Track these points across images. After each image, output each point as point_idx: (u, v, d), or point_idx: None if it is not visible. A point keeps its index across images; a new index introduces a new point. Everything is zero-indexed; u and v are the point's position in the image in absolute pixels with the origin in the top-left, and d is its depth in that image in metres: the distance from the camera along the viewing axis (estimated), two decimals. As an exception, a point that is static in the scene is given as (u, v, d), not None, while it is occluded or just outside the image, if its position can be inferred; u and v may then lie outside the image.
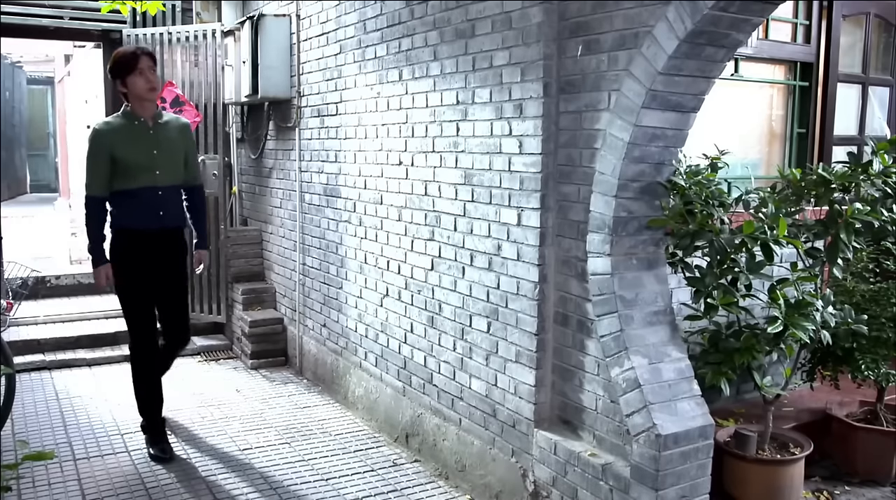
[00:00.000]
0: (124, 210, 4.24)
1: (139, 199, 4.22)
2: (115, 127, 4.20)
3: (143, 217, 4.25)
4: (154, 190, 4.24)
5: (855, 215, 3.36)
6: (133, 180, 4.19)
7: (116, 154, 4.13)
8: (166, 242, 4.38)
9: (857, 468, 4.08)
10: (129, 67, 4.12)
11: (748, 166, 4.57)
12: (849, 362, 3.86)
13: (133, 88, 4.15)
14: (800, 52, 4.80)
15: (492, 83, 3.65)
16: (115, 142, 4.14)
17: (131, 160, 4.15)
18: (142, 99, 4.19)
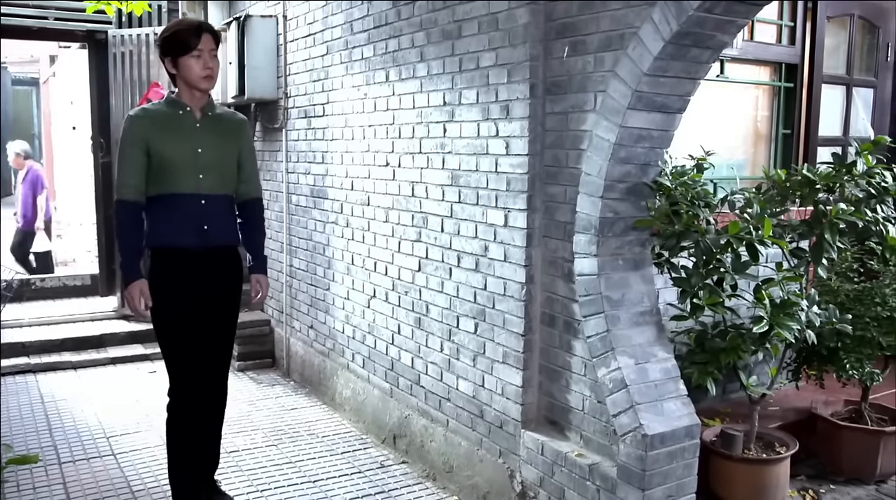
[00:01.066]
0: (159, 222, 3.38)
1: (177, 208, 3.36)
2: (154, 115, 3.38)
3: (183, 232, 3.37)
4: (196, 198, 3.37)
5: (839, 216, 3.38)
6: (171, 184, 3.35)
7: (153, 148, 3.31)
8: (213, 265, 3.47)
9: (842, 466, 4.11)
10: (185, 46, 3.29)
11: (733, 167, 4.59)
12: (833, 362, 3.89)
13: (185, 72, 3.32)
14: (785, 53, 4.82)
15: (478, 84, 3.65)
16: (152, 132, 3.31)
17: (169, 157, 3.32)
18: (193, 87, 3.36)
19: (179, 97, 3.41)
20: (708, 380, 3.40)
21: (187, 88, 3.38)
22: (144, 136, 3.31)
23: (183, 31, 3.32)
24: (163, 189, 3.35)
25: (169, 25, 3.44)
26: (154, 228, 3.39)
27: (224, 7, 6.77)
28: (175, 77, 3.38)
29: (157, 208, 3.38)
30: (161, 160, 3.32)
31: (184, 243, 3.38)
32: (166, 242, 3.38)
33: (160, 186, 3.35)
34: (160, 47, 3.36)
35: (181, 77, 3.35)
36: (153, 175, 3.35)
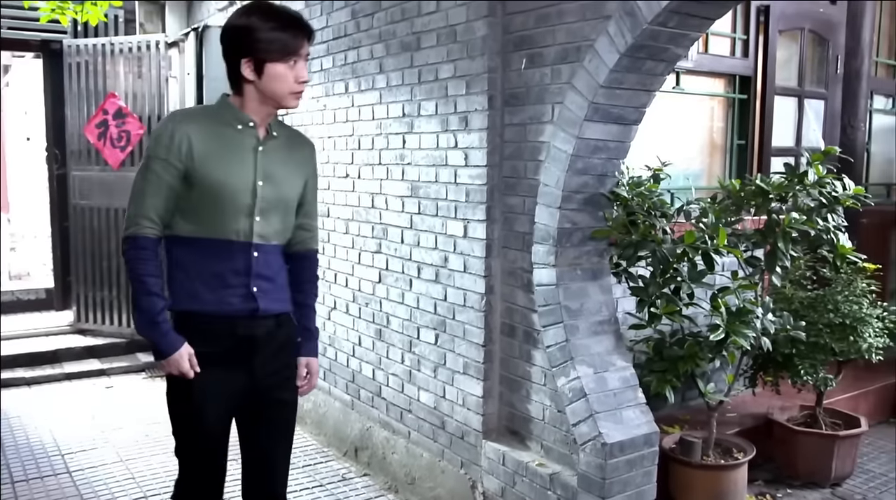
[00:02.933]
0: (191, 276, 2.37)
1: (219, 259, 2.37)
2: (205, 123, 2.35)
3: (224, 292, 2.37)
4: (246, 248, 2.38)
5: (792, 225, 3.45)
6: (214, 224, 2.34)
7: (198, 169, 2.30)
8: (261, 341, 2.45)
9: (798, 470, 4.18)
10: (283, 48, 2.29)
11: (687, 177, 4.66)
12: (788, 368, 3.95)
13: (272, 83, 2.31)
14: (738, 65, 4.92)
15: (437, 96, 3.66)
16: (200, 147, 2.31)
17: (219, 187, 2.32)
18: (276, 103, 2.38)
19: (242, 106, 2.37)
20: (667, 388, 3.44)
21: (262, 102, 2.35)
22: (188, 150, 2.29)
23: (283, 28, 2.29)
24: (201, 230, 2.35)
25: (250, 8, 2.33)
26: (181, 283, 2.36)
27: (182, 17, 6.71)
28: (243, 83, 2.34)
29: (187, 255, 2.36)
30: (207, 189, 2.31)
31: (225, 309, 2.37)
32: (199, 306, 2.36)
33: (198, 224, 2.35)
34: (238, 42, 2.31)
35: (260, 87, 2.32)
36: (189, 208, 2.34)
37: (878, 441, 4.77)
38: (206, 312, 2.37)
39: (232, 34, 2.33)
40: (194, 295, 2.36)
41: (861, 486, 4.19)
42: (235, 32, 2.32)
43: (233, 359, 2.41)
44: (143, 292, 2.29)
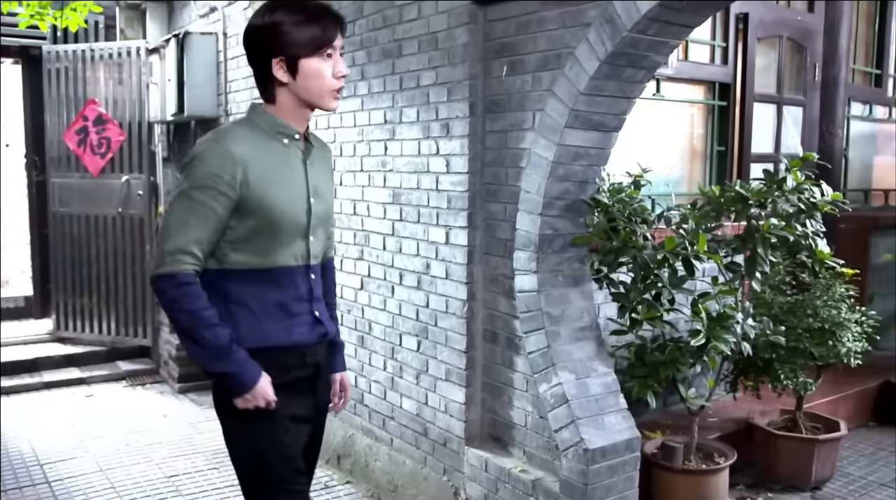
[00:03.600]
0: (256, 313, 2.14)
1: (282, 288, 2.18)
2: (252, 143, 2.10)
3: (293, 323, 2.20)
4: (305, 272, 2.22)
5: (771, 230, 3.47)
6: (274, 252, 2.14)
7: (255, 198, 2.06)
8: (323, 364, 2.33)
9: (778, 474, 4.20)
10: (317, 40, 2.07)
11: (668, 184, 4.68)
12: (769, 372, 3.98)
13: (310, 81, 2.09)
14: (718, 72, 4.96)
15: (419, 103, 3.67)
16: (252, 172, 2.06)
17: (279, 213, 2.11)
18: (316, 104, 2.15)
19: (278, 115, 2.15)
20: (648, 393, 3.45)
21: (299, 106, 2.14)
22: (243, 177, 2.03)
23: (313, 19, 2.07)
24: (258, 260, 2.12)
25: (272, 4, 2.09)
26: (243, 321, 2.12)
27: (163, 24, 6.69)
28: (276, 88, 2.11)
29: (244, 290, 2.13)
30: (265, 217, 2.08)
31: (295, 340, 2.20)
32: (267, 342, 2.14)
33: (254, 255, 2.12)
34: (266, 42, 2.07)
35: (296, 89, 2.10)
36: (241, 238, 2.10)
37: (858, 445, 4.81)
38: (275, 346, 2.15)
39: (258, 34, 2.09)
40: (260, 331, 2.13)
41: (841, 489, 4.22)
42: (262, 32, 2.08)
43: (302, 387, 2.24)
44: (204, 326, 2.01)
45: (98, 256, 6.64)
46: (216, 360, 2.04)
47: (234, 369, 2.05)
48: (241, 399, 2.07)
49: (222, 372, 2.05)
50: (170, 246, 2.02)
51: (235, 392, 2.07)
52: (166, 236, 2.04)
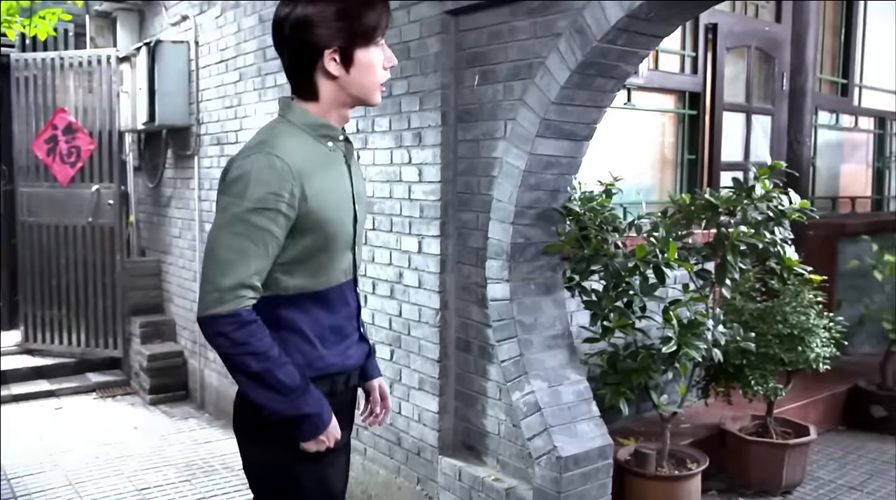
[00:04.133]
0: (309, 338, 1.90)
1: (334, 308, 1.95)
2: (302, 152, 1.82)
3: (346, 345, 1.99)
4: (352, 286, 2.02)
5: (740, 238, 3.52)
6: (328, 272, 1.91)
7: (313, 217, 1.81)
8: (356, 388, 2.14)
9: (750, 479, 4.24)
10: (375, 29, 1.84)
11: (639, 192, 4.72)
12: (739, 378, 4.01)
13: (362, 74, 1.85)
14: (688, 82, 5.02)
15: (391, 112, 3.67)
16: (309, 186, 1.80)
17: (334, 230, 1.87)
18: (361, 100, 1.90)
19: (321, 114, 1.88)
20: (621, 400, 3.47)
21: (343, 103, 1.89)
22: (301, 193, 1.78)
23: (371, 2, 1.84)
24: (312, 282, 1.88)
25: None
26: (298, 350, 1.87)
27: (134, 32, 6.64)
28: (320, 84, 1.84)
29: (298, 315, 1.89)
30: (322, 233, 1.84)
31: (348, 364, 1.99)
32: (323, 371, 1.92)
33: (308, 277, 1.88)
34: (316, 31, 1.78)
35: (348, 83, 1.84)
36: (293, 260, 1.84)
37: (827, 449, 4.86)
38: (336, 370, 1.94)
39: (307, 23, 1.78)
40: (319, 359, 1.90)
41: (811, 493, 4.27)
42: (313, 20, 1.78)
43: (344, 411, 2.02)
44: (276, 366, 1.76)
45: (68, 266, 6.55)
46: (293, 402, 1.79)
47: (314, 409, 1.82)
48: (313, 442, 1.84)
49: (299, 414, 1.80)
50: (229, 281, 1.73)
51: (310, 434, 1.83)
52: (223, 269, 1.73)
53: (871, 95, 6.60)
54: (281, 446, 1.86)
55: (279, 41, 1.84)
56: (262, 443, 1.91)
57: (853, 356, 5.70)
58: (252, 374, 1.76)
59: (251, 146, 1.80)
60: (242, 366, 1.76)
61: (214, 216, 1.78)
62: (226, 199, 1.75)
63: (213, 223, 1.77)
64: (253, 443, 1.94)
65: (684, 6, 2.82)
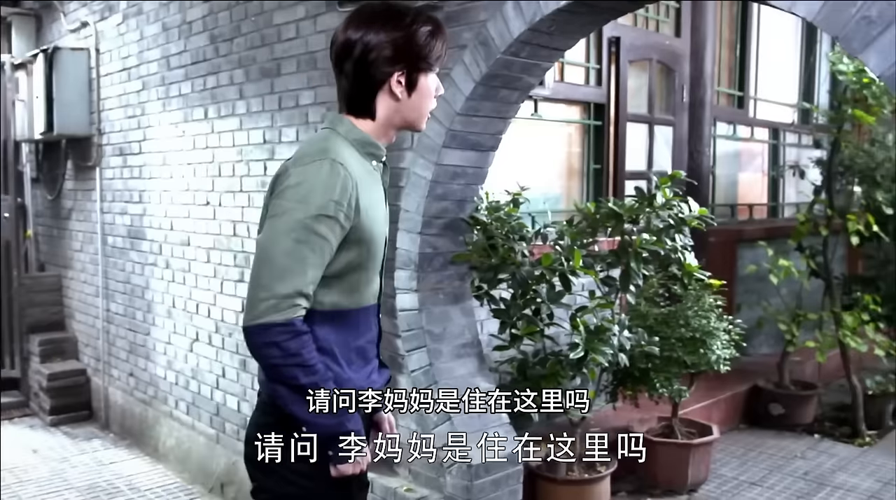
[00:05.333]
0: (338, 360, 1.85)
1: (360, 330, 1.92)
2: (355, 163, 1.82)
3: (368, 369, 1.96)
4: (377, 310, 1.99)
5: (643, 245, 3.62)
6: (361, 289, 1.89)
7: (362, 224, 1.80)
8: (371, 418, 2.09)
9: (657, 479, 4.35)
10: (440, 55, 1.90)
11: (545, 201, 4.78)
12: (645, 382, 4.12)
13: (420, 100, 1.88)
14: (592, 93, 5.14)
15: (298, 122, 3.64)
16: (361, 196, 1.79)
17: (377, 241, 1.88)
18: (410, 126, 1.94)
19: (373, 133, 1.88)
20: (532, 407, 3.52)
21: (394, 126, 1.90)
22: (356, 203, 1.77)
23: (440, 30, 1.89)
24: (346, 299, 1.86)
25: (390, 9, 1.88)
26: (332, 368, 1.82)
27: (30, 38, 6.38)
28: (379, 104, 1.85)
29: (329, 334, 1.83)
30: (368, 249, 1.84)
31: (373, 388, 1.93)
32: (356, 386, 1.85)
33: (343, 294, 1.85)
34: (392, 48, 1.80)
35: (406, 107, 1.87)
36: (333, 275, 1.80)
37: (730, 447, 5.05)
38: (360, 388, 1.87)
39: (381, 46, 1.80)
40: (345, 381, 1.82)
41: (715, 490, 4.42)
42: (385, 43, 1.80)
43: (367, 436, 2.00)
44: (322, 380, 1.73)
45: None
46: (337, 417, 1.74)
47: (355, 426, 1.78)
48: (350, 464, 1.79)
49: (344, 431, 1.76)
50: (287, 288, 1.68)
51: (346, 456, 1.78)
52: (280, 275, 1.69)
53: (765, 107, 6.91)
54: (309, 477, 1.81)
55: (344, 59, 1.83)
56: (287, 474, 1.82)
57: (753, 357, 5.94)
58: (299, 387, 1.71)
59: (311, 152, 1.78)
60: (290, 378, 1.71)
61: (269, 220, 1.73)
62: (285, 204, 1.72)
63: (270, 228, 1.72)
64: (275, 474, 1.84)
65: (584, 20, 2.89)
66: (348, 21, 1.85)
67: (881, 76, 1.98)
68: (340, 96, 1.88)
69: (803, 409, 5.45)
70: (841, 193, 5.39)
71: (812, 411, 5.50)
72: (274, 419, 1.81)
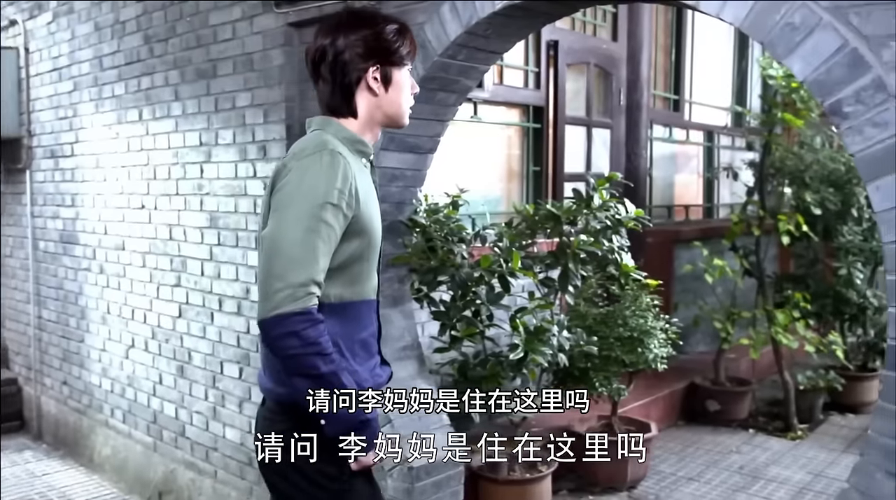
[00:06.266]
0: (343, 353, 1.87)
1: (364, 324, 1.96)
2: (355, 166, 1.88)
3: (373, 362, 2.01)
4: (375, 307, 2.03)
5: (580, 246, 3.66)
6: (363, 282, 1.94)
7: (362, 215, 1.85)
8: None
9: (598, 477, 4.41)
10: (409, 52, 2.00)
11: (484, 204, 4.81)
12: (585, 381, 4.16)
13: (397, 96, 1.97)
14: (531, 96, 5.19)
15: (235, 125, 3.59)
16: (360, 188, 1.84)
17: (376, 233, 1.93)
18: (393, 122, 2.01)
19: (361, 134, 1.96)
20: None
21: (376, 123, 1.97)
22: (356, 192, 1.82)
23: (406, 29, 2.00)
24: (349, 292, 1.89)
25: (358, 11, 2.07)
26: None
27: (-44, 37, 6.18)
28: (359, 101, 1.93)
29: (335, 327, 1.83)
30: (369, 240, 1.90)
31: (378, 382, 2.00)
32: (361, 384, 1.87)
33: (346, 286, 1.88)
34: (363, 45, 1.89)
35: (385, 102, 1.94)
36: (337, 267, 1.82)
37: (668, 444, 5.14)
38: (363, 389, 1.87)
39: (353, 45, 1.89)
40: (353, 373, 1.84)
41: (654, 486, 4.49)
42: (357, 41, 1.89)
43: None
44: (340, 369, 1.76)
45: None
46: (356, 412, 1.76)
47: (373, 413, 1.82)
48: (371, 454, 1.84)
49: (365, 419, 1.79)
50: (302, 277, 1.70)
51: (370, 441, 1.83)
52: (293, 265, 1.70)
53: (700, 110, 7.07)
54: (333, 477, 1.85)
55: (320, 64, 1.92)
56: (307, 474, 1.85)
57: (690, 355, 6.06)
58: (319, 376, 1.72)
59: (309, 146, 1.82)
60: (311, 368, 1.72)
61: (276, 213, 1.76)
62: (290, 195, 1.76)
63: (277, 220, 1.75)
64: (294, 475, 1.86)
65: (520, 24, 2.92)
66: (318, 31, 1.94)
67: (805, 81, 2.04)
68: (322, 102, 1.95)
69: (738, 405, 5.58)
70: (772, 194, 5.54)
71: (747, 407, 5.64)
72: (287, 425, 1.83)
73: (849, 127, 1.92)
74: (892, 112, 1.84)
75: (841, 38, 1.93)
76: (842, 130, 1.95)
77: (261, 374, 1.96)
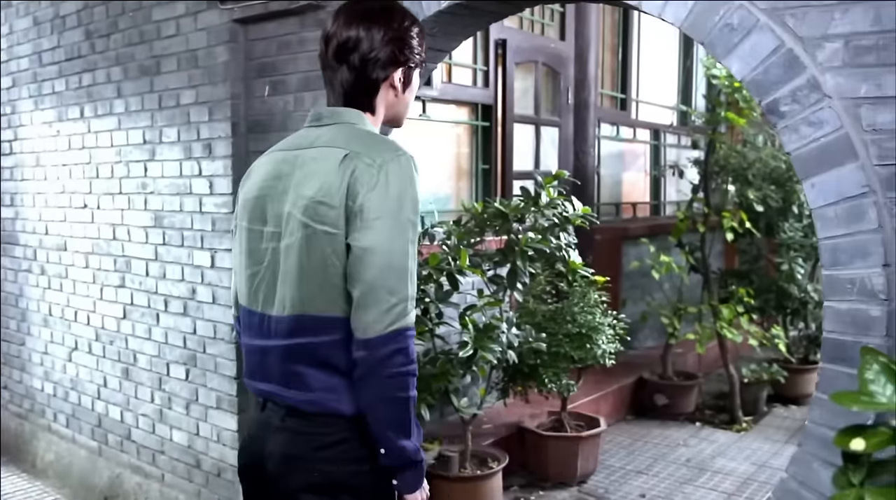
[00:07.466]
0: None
1: None
2: None
3: None
4: None
5: (528, 244, 3.70)
6: None
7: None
8: None
9: (548, 472, 4.46)
10: (424, 52, 1.92)
11: (432, 202, 4.81)
12: (535, 377, 4.21)
13: (411, 95, 1.92)
14: (480, 95, 5.21)
15: (179, 122, 3.54)
16: None
17: None
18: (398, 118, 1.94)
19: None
20: (422, 406, 3.54)
21: (386, 120, 1.91)
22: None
23: (424, 29, 1.93)
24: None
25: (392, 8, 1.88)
26: None
27: None
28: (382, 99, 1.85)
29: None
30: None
31: None
32: None
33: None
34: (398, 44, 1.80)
35: (399, 102, 1.89)
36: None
37: (617, 438, 5.22)
38: None
39: (395, 37, 1.80)
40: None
41: (604, 480, 4.56)
42: (399, 35, 1.81)
43: None
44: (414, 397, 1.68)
45: None
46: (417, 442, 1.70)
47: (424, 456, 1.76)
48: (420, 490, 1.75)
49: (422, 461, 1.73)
50: (412, 289, 1.63)
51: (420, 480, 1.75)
52: (405, 277, 1.62)
53: (646, 109, 7.17)
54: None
55: (349, 54, 1.79)
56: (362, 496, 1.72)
57: (638, 350, 6.18)
58: (407, 399, 1.65)
59: (383, 148, 1.70)
60: (407, 389, 1.64)
61: (377, 222, 1.61)
62: (388, 204, 1.64)
63: (380, 230, 1.61)
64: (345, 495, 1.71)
65: (466, 22, 2.92)
66: (347, 18, 1.81)
67: (743, 81, 2.08)
68: (338, 90, 1.83)
69: (686, 398, 5.69)
70: (716, 191, 5.65)
71: (694, 401, 5.75)
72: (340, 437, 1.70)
73: (785, 126, 1.97)
74: (827, 111, 1.89)
75: (777, 39, 1.97)
76: (779, 128, 1.99)
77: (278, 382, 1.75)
